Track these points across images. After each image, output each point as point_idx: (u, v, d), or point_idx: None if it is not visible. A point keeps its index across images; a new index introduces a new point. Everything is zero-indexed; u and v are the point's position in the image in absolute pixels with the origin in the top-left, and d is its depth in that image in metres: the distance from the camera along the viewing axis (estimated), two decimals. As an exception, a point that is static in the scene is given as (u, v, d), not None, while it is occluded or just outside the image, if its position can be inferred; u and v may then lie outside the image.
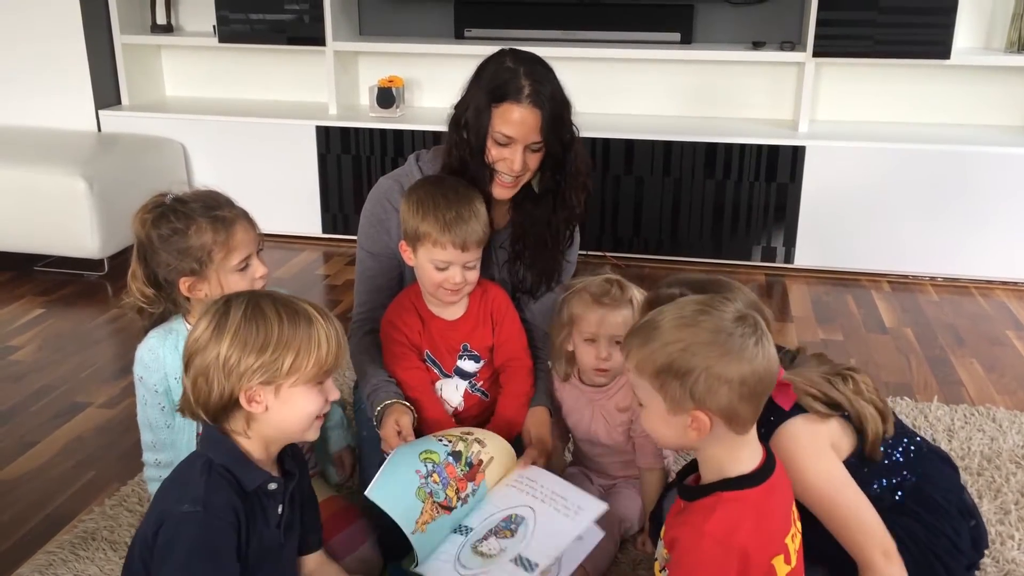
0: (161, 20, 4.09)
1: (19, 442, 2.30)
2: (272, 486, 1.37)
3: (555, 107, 1.82)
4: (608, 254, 3.62)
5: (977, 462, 2.19)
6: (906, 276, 3.50)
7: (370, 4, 4.03)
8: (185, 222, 1.64)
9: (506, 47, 1.90)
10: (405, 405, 1.78)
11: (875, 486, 1.57)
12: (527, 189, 1.94)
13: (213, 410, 1.34)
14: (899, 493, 1.60)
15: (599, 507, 1.65)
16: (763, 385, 1.28)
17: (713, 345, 1.26)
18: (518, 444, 1.84)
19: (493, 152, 1.84)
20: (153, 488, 1.77)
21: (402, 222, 1.83)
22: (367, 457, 1.86)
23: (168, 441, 1.74)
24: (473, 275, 1.80)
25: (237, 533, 1.31)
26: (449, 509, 1.65)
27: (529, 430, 1.86)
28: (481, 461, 1.69)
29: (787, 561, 1.33)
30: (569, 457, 2.07)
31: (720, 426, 1.28)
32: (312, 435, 1.41)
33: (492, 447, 1.73)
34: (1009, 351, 2.88)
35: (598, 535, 1.64)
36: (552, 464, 1.86)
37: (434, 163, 1.97)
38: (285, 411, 1.34)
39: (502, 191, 1.89)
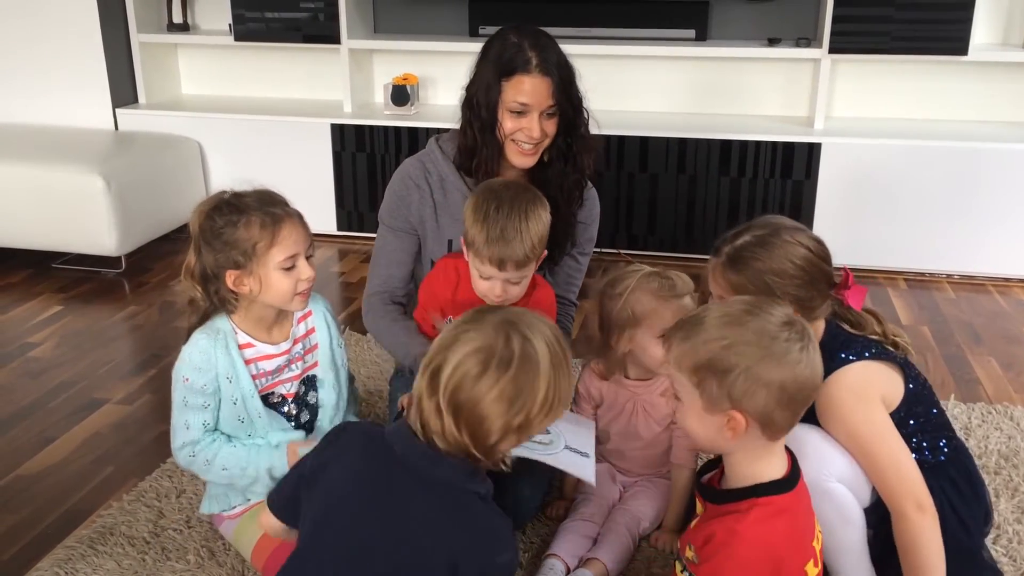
0: (177, 19, 4.11)
1: (38, 438, 2.32)
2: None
3: (563, 72, 1.94)
4: (622, 251, 3.62)
5: (995, 461, 2.18)
6: (923, 273, 3.48)
7: (385, 2, 4.04)
8: (238, 215, 1.66)
9: (508, 25, 1.98)
10: None
11: (923, 442, 1.62)
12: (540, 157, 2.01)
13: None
14: (942, 455, 1.64)
15: (588, 423, 1.83)
16: (803, 393, 1.27)
17: (756, 346, 1.24)
18: None
19: (509, 124, 1.93)
20: (204, 472, 1.76)
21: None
22: None
23: (210, 447, 1.73)
24: (516, 291, 1.77)
25: None
26: None
27: None
28: None
29: (815, 564, 1.33)
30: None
31: (755, 429, 1.26)
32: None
33: None
34: (1027, 349, 2.86)
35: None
36: None
37: (453, 142, 2.04)
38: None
39: (523, 159, 1.96)
